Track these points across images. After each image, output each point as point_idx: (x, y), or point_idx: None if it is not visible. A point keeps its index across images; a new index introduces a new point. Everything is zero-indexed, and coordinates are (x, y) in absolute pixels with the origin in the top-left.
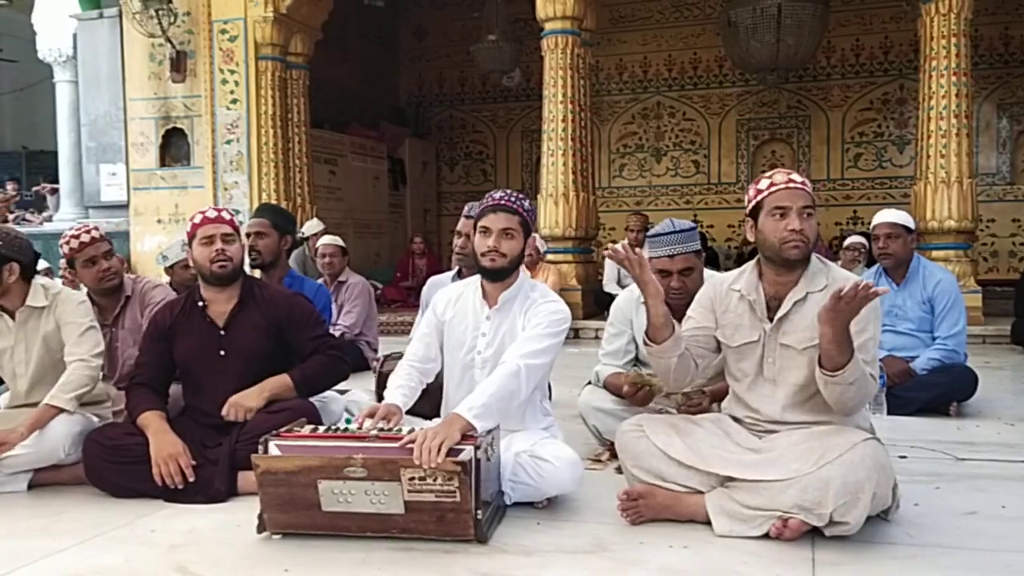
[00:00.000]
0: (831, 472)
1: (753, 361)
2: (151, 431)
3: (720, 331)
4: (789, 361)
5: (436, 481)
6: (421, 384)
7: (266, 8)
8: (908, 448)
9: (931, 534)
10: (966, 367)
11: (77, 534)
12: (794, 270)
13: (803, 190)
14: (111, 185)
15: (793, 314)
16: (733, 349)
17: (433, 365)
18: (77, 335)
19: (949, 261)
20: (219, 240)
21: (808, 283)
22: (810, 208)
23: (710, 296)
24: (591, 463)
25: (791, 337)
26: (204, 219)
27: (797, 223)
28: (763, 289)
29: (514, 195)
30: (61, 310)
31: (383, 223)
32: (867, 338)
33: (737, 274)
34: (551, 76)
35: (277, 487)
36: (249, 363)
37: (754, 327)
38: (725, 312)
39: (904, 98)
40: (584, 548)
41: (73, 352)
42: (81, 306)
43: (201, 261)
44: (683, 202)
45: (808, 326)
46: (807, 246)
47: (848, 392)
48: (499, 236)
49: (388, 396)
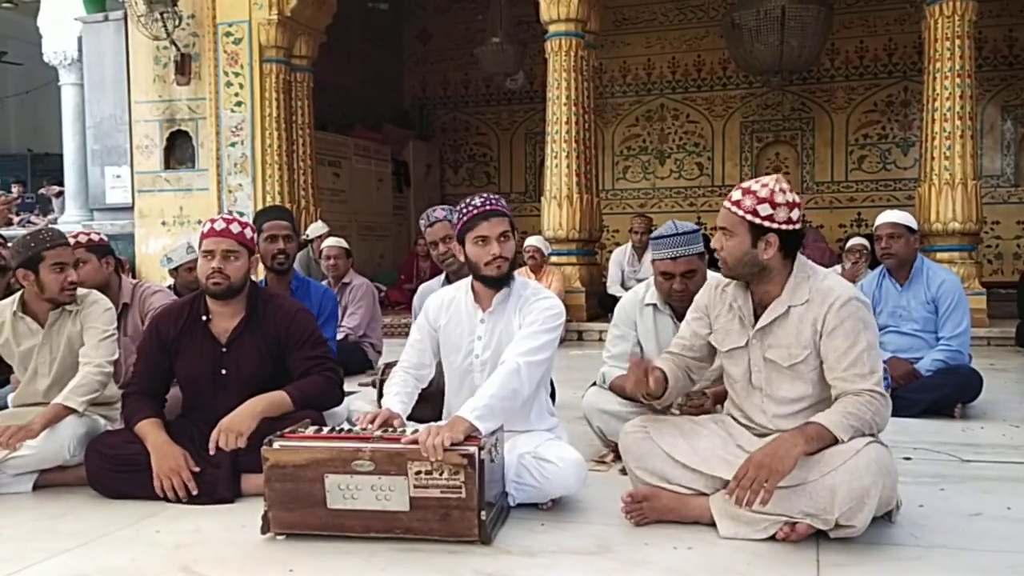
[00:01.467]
0: (837, 479)
1: (742, 368)
2: (150, 442)
3: (713, 335)
4: (776, 375)
5: (442, 475)
6: (417, 389)
7: (270, 11)
8: (912, 450)
9: (936, 535)
10: (971, 368)
11: (83, 534)
12: (767, 283)
13: (726, 210)
14: (116, 187)
15: (776, 328)
16: (724, 353)
17: (427, 371)
18: (97, 340)
19: (953, 263)
20: (218, 256)
21: (790, 295)
22: (727, 230)
23: (705, 302)
24: (595, 465)
25: (775, 352)
26: (210, 231)
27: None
28: (750, 297)
29: (492, 198)
30: (87, 312)
31: (387, 225)
32: (860, 350)
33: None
34: (555, 78)
35: (284, 482)
36: (249, 383)
37: (741, 334)
38: (718, 317)
39: (908, 100)
40: (589, 549)
41: (89, 356)
42: (107, 313)
43: (200, 274)
44: (687, 204)
45: (791, 342)
46: (725, 266)
47: (864, 429)
48: (499, 242)
49: (386, 402)
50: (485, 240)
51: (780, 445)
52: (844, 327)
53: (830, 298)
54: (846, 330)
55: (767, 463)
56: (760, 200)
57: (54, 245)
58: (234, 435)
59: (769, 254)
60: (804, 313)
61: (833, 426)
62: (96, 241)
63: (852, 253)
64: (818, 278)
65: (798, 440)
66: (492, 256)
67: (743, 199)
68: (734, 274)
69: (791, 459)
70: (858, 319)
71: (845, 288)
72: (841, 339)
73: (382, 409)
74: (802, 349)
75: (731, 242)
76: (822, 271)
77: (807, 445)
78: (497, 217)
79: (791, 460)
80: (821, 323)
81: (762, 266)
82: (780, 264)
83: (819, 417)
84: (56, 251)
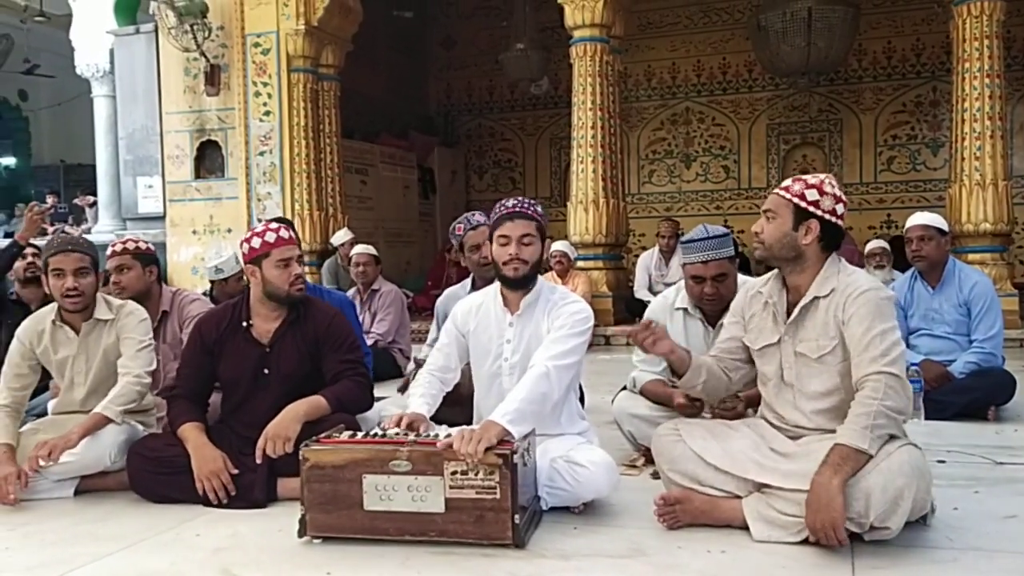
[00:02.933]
0: (871, 482)
1: (774, 365)
2: (191, 445)
3: (747, 335)
4: (806, 369)
5: (478, 475)
6: (442, 392)
7: (298, 21)
8: (946, 452)
9: (971, 538)
10: (1004, 371)
11: (124, 538)
12: (800, 274)
13: (774, 195)
14: (148, 197)
15: (805, 320)
16: (757, 352)
17: (452, 375)
18: (135, 350)
19: (985, 264)
20: (295, 263)
21: (818, 287)
22: (772, 212)
23: (741, 304)
24: (626, 469)
25: (805, 345)
26: (279, 239)
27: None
28: (785, 294)
29: (526, 201)
30: (123, 323)
31: (413, 232)
32: (874, 335)
33: (765, 279)
34: (580, 83)
35: (323, 483)
36: (290, 383)
37: (774, 331)
38: (752, 317)
39: (937, 100)
40: (622, 553)
41: (127, 366)
42: (143, 323)
43: (277, 283)
44: (713, 207)
45: (819, 333)
46: (762, 247)
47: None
48: (519, 243)
49: (411, 405)
50: (506, 240)
51: (818, 493)
52: (859, 313)
53: (850, 288)
54: (860, 316)
55: (823, 516)
56: (809, 186)
57: (56, 252)
58: (282, 441)
59: (808, 240)
60: (828, 305)
61: (850, 439)
62: (143, 249)
63: (872, 257)
64: (846, 272)
65: (829, 475)
66: (508, 256)
67: (792, 185)
68: (770, 255)
69: (836, 498)
70: (873, 306)
71: (868, 281)
72: (856, 325)
73: (407, 412)
74: (829, 340)
75: (773, 224)
76: (851, 268)
77: (839, 475)
78: (522, 220)
79: (837, 499)
80: (842, 311)
81: (799, 252)
82: (816, 255)
83: (838, 436)
84: (57, 258)
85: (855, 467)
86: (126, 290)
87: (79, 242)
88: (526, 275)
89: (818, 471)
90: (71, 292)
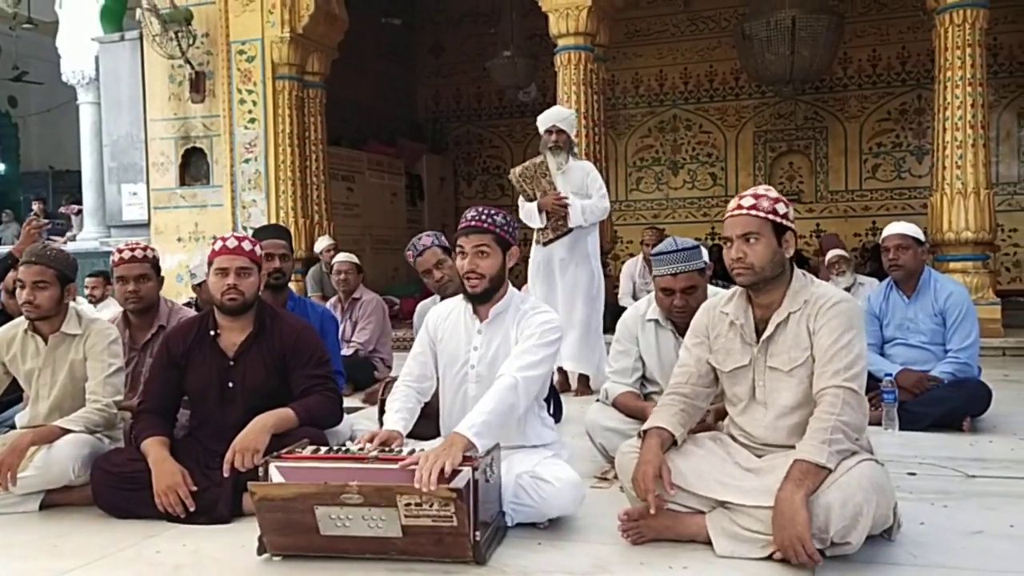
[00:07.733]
0: (830, 497)
1: (746, 386)
2: (151, 459)
3: (713, 356)
4: (777, 383)
5: (432, 507)
6: (419, 404)
7: (283, 29)
8: (917, 465)
9: (936, 554)
10: (979, 381)
11: (85, 554)
12: (774, 291)
13: (746, 216)
14: (132, 204)
15: (777, 335)
16: (726, 374)
17: (429, 384)
18: (103, 376)
19: (967, 273)
20: (232, 274)
21: (790, 303)
22: (753, 234)
23: (704, 323)
24: (597, 481)
25: (777, 359)
26: (223, 248)
27: (734, 252)
28: (752, 312)
29: (485, 212)
30: (92, 343)
31: (401, 239)
32: (840, 347)
33: (727, 296)
34: (565, 92)
35: (275, 512)
36: (256, 397)
37: (744, 351)
38: (717, 337)
39: (922, 108)
40: (584, 569)
41: (95, 393)
42: (113, 345)
43: (213, 291)
44: (700, 215)
45: (792, 346)
46: (751, 272)
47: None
48: (473, 256)
49: (387, 421)
50: (464, 254)
51: (782, 509)
52: (830, 325)
53: (822, 299)
54: (831, 328)
55: (789, 532)
56: (774, 200)
57: (22, 263)
58: (250, 453)
59: (790, 252)
60: (800, 317)
61: (809, 454)
62: (156, 258)
63: (832, 267)
64: (814, 284)
65: (791, 491)
66: (464, 270)
67: (758, 202)
68: (761, 278)
69: (800, 512)
70: (845, 318)
71: (837, 293)
72: (825, 336)
73: (382, 429)
74: (801, 351)
75: (759, 245)
76: (818, 280)
77: (801, 489)
78: (476, 233)
79: (801, 513)
80: (813, 321)
81: (784, 267)
82: (788, 267)
83: (798, 452)
84: (20, 269)
85: (816, 482)
86: (143, 300)
87: (45, 254)
88: (486, 289)
89: (781, 487)
90: (25, 303)
